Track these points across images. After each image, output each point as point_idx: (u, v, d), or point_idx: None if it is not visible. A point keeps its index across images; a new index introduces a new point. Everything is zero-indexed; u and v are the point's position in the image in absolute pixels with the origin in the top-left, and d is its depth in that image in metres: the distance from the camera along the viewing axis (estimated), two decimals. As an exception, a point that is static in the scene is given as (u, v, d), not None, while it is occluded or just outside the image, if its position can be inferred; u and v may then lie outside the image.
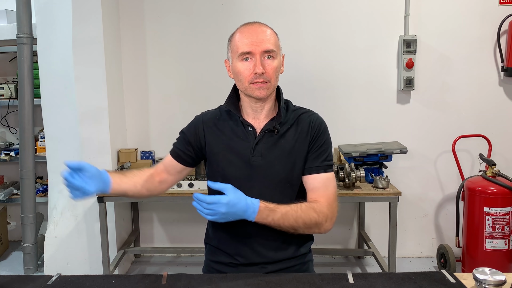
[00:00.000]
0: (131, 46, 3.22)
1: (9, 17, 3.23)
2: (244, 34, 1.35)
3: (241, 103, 1.44)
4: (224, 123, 1.45)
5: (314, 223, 1.34)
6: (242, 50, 1.33)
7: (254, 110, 1.42)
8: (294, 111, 1.45)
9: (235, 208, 1.24)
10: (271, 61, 1.34)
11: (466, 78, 3.15)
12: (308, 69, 3.17)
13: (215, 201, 1.22)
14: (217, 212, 1.22)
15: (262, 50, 1.32)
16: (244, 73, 1.34)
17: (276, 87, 1.41)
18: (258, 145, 1.39)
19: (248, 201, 1.27)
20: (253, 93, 1.35)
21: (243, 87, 1.37)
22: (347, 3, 3.12)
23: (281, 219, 1.30)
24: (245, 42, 1.33)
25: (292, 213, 1.31)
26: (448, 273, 1.26)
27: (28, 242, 3.04)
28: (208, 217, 1.24)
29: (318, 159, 1.40)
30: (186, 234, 3.39)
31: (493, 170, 2.78)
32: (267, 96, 1.37)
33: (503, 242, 2.72)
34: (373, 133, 3.17)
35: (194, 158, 1.49)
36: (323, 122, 1.45)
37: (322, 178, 1.40)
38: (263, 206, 1.28)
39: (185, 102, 3.25)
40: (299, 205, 1.34)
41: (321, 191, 1.39)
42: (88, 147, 2.95)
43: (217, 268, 1.48)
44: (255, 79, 1.32)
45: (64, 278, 1.29)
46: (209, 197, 1.22)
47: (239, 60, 1.34)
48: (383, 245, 3.02)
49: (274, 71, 1.34)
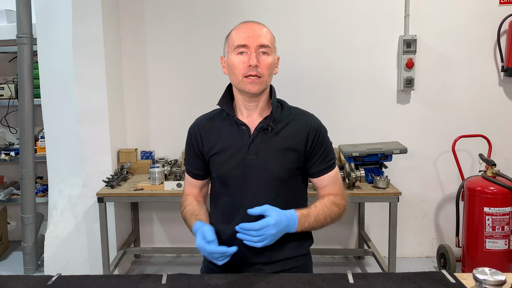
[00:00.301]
0: (131, 46, 3.22)
1: (9, 17, 3.23)
2: (241, 29, 1.37)
3: (235, 102, 1.45)
4: (218, 123, 1.46)
5: (338, 216, 1.42)
6: (238, 43, 1.34)
7: (247, 108, 1.42)
8: (289, 110, 1.47)
9: (281, 226, 1.27)
10: (265, 57, 1.35)
11: (466, 78, 3.15)
12: (308, 69, 3.18)
13: (264, 225, 1.23)
14: (268, 235, 1.24)
15: (257, 44, 1.34)
16: (239, 66, 1.35)
17: (269, 85, 1.43)
18: (252, 144, 1.40)
19: (287, 214, 1.30)
20: (246, 87, 1.35)
21: (237, 81, 1.37)
22: (347, 3, 3.12)
23: (314, 222, 1.36)
24: (241, 35, 1.35)
25: (322, 213, 1.38)
26: (448, 273, 1.26)
27: (28, 242, 3.04)
28: (258, 244, 1.24)
29: (323, 161, 1.45)
30: (186, 234, 3.34)
31: (493, 170, 2.78)
32: (260, 91, 1.37)
33: (503, 242, 2.72)
34: (373, 133, 3.17)
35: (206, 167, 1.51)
36: (322, 125, 1.48)
37: (330, 176, 1.46)
38: (299, 214, 1.33)
39: (185, 102, 3.25)
40: (322, 203, 1.40)
41: (332, 187, 1.47)
42: (88, 147, 2.95)
43: (214, 269, 1.48)
44: (249, 71, 1.33)
45: (64, 278, 1.29)
46: (257, 223, 1.23)
47: (234, 53, 1.36)
48: (383, 245, 3.02)
49: (268, 67, 1.36)
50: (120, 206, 3.15)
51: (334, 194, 1.45)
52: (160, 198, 2.67)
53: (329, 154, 1.46)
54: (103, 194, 2.63)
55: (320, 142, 1.43)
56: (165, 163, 3.13)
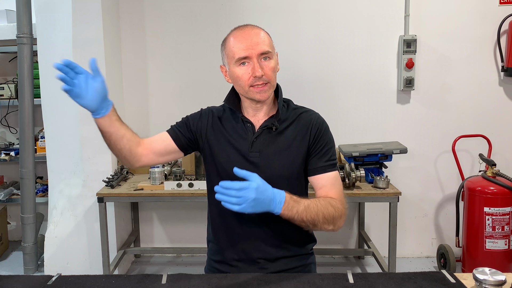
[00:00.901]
0: (131, 46, 3.22)
1: (9, 17, 3.23)
2: (238, 38, 1.35)
3: (242, 103, 1.46)
4: (226, 120, 1.47)
5: (332, 218, 1.32)
6: (238, 56, 1.33)
7: (254, 109, 1.43)
8: (294, 110, 1.47)
9: (264, 195, 1.17)
10: (268, 62, 1.35)
11: (466, 78, 3.15)
12: (308, 69, 3.17)
13: (244, 186, 1.14)
14: (247, 199, 1.14)
15: (258, 52, 1.33)
16: (243, 77, 1.34)
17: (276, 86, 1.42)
18: (256, 142, 1.40)
19: (274, 190, 1.22)
20: (255, 97, 1.36)
21: (244, 91, 1.38)
22: (347, 3, 3.12)
23: (304, 211, 1.26)
24: (240, 47, 1.33)
25: (313, 206, 1.29)
26: (448, 273, 1.26)
27: (28, 242, 3.04)
28: (235, 207, 1.15)
29: (322, 159, 1.41)
30: (186, 234, 3.39)
31: (493, 170, 2.78)
32: (268, 97, 1.38)
33: (503, 242, 2.72)
34: (373, 133, 3.17)
35: (189, 144, 1.49)
36: (324, 121, 1.46)
37: (328, 177, 1.41)
38: (288, 196, 1.24)
39: (185, 102, 3.25)
40: (317, 199, 1.33)
41: (330, 189, 1.39)
42: (88, 147, 2.95)
43: (218, 267, 1.49)
44: (255, 82, 1.33)
45: (64, 278, 1.29)
46: (237, 183, 1.15)
47: (236, 65, 1.35)
48: (383, 245, 3.02)
49: (272, 71, 1.36)
50: (120, 206, 3.15)
51: (331, 197, 1.37)
52: (160, 198, 2.67)
53: (329, 153, 1.42)
54: (103, 194, 2.63)
55: (320, 137, 1.42)
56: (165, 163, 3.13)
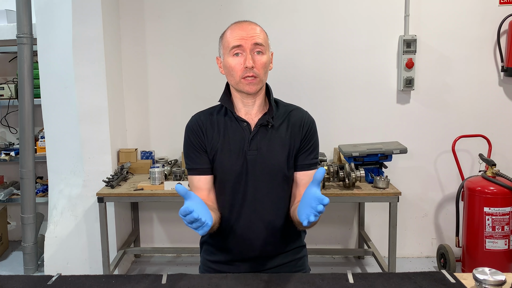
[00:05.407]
0: (131, 46, 3.22)
1: (9, 17, 3.23)
2: (235, 29, 1.40)
3: (233, 100, 1.47)
4: (219, 119, 1.47)
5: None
6: (232, 44, 1.37)
7: (245, 105, 1.45)
8: (284, 107, 1.50)
9: None
10: (260, 56, 1.38)
11: (466, 78, 3.15)
12: (308, 69, 3.17)
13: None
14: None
15: (252, 43, 1.36)
16: (236, 67, 1.37)
17: (265, 83, 1.45)
18: (253, 139, 1.42)
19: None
20: (244, 88, 1.38)
21: (235, 82, 1.40)
22: (347, 3, 3.12)
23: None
24: (235, 36, 1.37)
25: None
26: (448, 273, 1.26)
27: (28, 242, 3.04)
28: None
29: (309, 156, 1.47)
30: (186, 234, 3.39)
31: (493, 170, 2.78)
32: (257, 91, 1.40)
33: (503, 242, 2.72)
34: (373, 133, 3.17)
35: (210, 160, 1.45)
36: (314, 120, 1.51)
37: (312, 173, 1.44)
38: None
39: (185, 102, 3.25)
40: None
41: None
42: (88, 147, 2.95)
43: (214, 267, 1.50)
44: (246, 73, 1.36)
45: (64, 278, 1.29)
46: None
47: (230, 55, 1.38)
48: (383, 245, 3.02)
49: (263, 66, 1.39)
50: (120, 206, 3.15)
51: None
52: (160, 198, 2.67)
53: (315, 151, 1.49)
54: (103, 194, 2.63)
55: (310, 136, 1.47)
56: (165, 163, 3.14)
